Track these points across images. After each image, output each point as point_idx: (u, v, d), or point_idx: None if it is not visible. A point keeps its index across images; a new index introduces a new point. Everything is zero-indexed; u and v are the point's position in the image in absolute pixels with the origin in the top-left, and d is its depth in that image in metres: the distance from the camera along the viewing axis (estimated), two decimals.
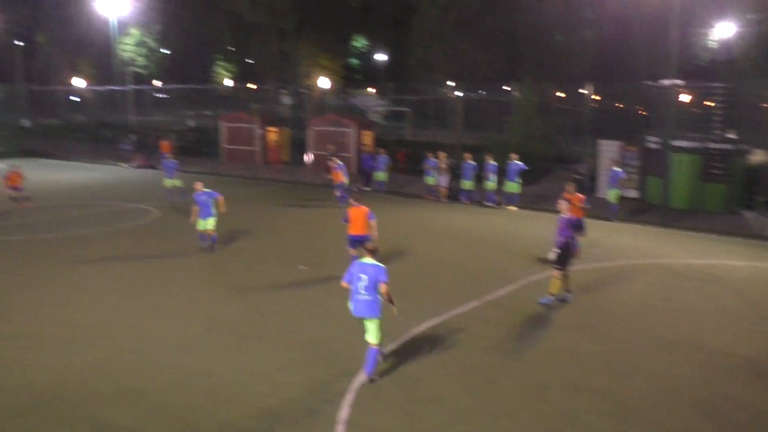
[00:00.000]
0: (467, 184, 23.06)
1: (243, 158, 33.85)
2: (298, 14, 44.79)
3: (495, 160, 22.89)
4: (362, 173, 27.14)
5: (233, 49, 72.17)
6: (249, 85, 59.09)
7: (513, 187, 22.21)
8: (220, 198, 15.30)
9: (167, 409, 7.76)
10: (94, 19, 55.43)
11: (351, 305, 8.53)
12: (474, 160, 23.21)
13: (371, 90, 64.00)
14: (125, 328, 10.33)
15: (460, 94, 38.62)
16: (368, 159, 26.37)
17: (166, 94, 66.13)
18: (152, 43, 68.83)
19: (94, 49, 65.30)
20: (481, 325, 10.78)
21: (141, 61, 67.59)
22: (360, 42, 55.82)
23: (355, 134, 31.27)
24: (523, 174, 22.24)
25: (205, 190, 15.14)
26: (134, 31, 65.89)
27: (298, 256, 15.20)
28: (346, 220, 13.29)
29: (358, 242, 12.81)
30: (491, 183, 22.71)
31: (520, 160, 22.29)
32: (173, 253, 15.34)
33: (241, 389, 8.29)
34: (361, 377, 8.59)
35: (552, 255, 11.91)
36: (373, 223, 13.05)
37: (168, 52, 71.00)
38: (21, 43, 71.15)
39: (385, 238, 17.26)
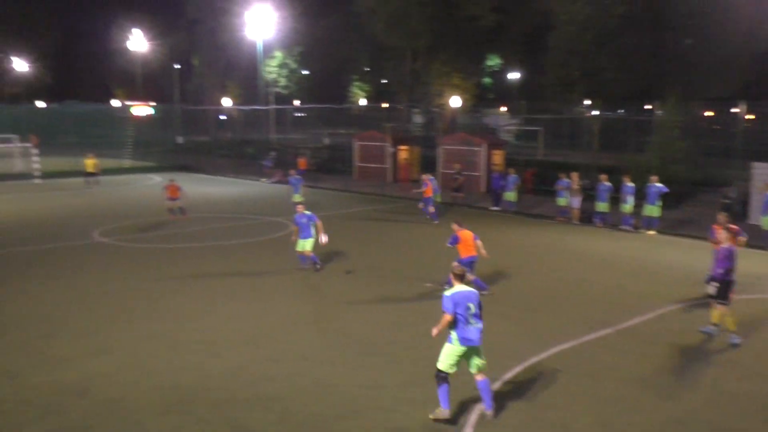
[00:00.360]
0: (602, 206, 22.13)
1: (374, 175, 34.62)
2: (431, 35, 45.29)
3: (633, 181, 21.79)
4: (491, 193, 26.85)
5: (368, 69, 74.34)
6: (382, 104, 60.49)
7: (652, 210, 21.02)
8: (319, 222, 15.30)
9: (296, 416, 8.03)
10: (243, 43, 59.31)
11: (465, 337, 7.80)
12: (609, 181, 22.25)
13: (503, 109, 63.32)
14: (263, 336, 10.85)
15: (597, 113, 37.25)
16: (498, 178, 26.06)
17: (304, 113, 69.29)
18: (293, 65, 72.38)
19: (242, 71, 69.84)
20: (614, 354, 10.26)
21: (283, 81, 71.25)
22: (493, 61, 55.45)
23: (486, 153, 31.04)
24: (663, 197, 21.01)
25: (306, 212, 15.32)
26: (278, 54, 69.66)
27: (425, 273, 15.27)
28: (454, 243, 13.30)
29: (470, 264, 13.02)
30: (628, 205, 21.61)
31: (661, 182, 21.07)
32: (297, 267, 15.94)
33: (366, 402, 8.42)
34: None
35: (711, 289, 10.99)
36: (479, 242, 13.34)
37: (307, 72, 74.36)
38: (178, 66, 77.58)
39: (513, 259, 16.95)
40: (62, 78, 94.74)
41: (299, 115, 70.60)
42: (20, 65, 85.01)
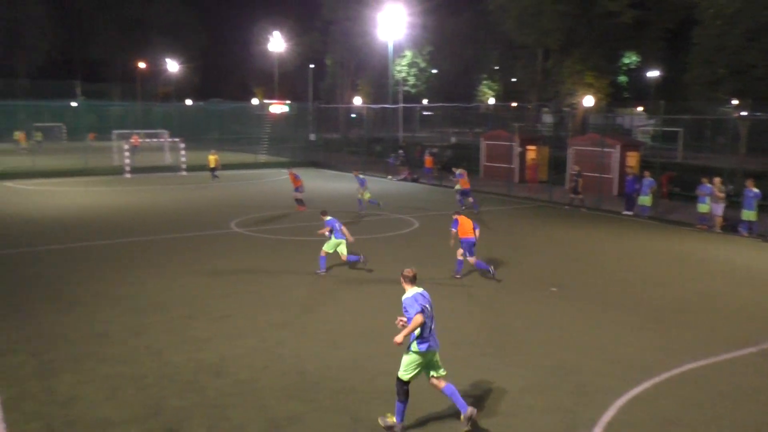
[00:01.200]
0: (749, 214, 20.42)
1: (501, 175, 34.11)
2: (564, 33, 43.86)
3: None
4: (624, 196, 25.58)
5: (497, 68, 73.34)
6: (511, 103, 59.47)
7: None
8: (325, 231, 14.91)
9: (413, 412, 8.08)
10: (374, 43, 60.53)
11: (429, 342, 7.50)
12: (758, 187, 20.49)
13: (639, 109, 60.15)
14: (383, 331, 11.00)
15: (745, 113, 34.41)
16: (632, 182, 24.77)
17: (432, 111, 69.58)
18: (423, 64, 72.88)
19: (372, 71, 71.34)
20: (758, 376, 9.45)
21: (412, 80, 71.96)
22: (630, 58, 52.78)
23: (619, 155, 29.62)
24: None
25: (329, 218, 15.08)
26: (408, 53, 70.42)
27: (548, 277, 14.85)
28: (455, 227, 14.31)
29: (470, 246, 14.31)
30: None
31: None
32: (427, 263, 16.01)
33: (483, 407, 8.31)
34: (610, 411, 8.07)
35: None
36: (478, 231, 14.42)
37: (436, 71, 74.60)
38: (312, 66, 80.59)
39: (645, 267, 16.09)
40: (208, 78, 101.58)
41: (427, 113, 71.01)
42: (172, 66, 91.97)
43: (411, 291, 7.68)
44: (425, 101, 70.52)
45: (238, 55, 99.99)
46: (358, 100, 73.24)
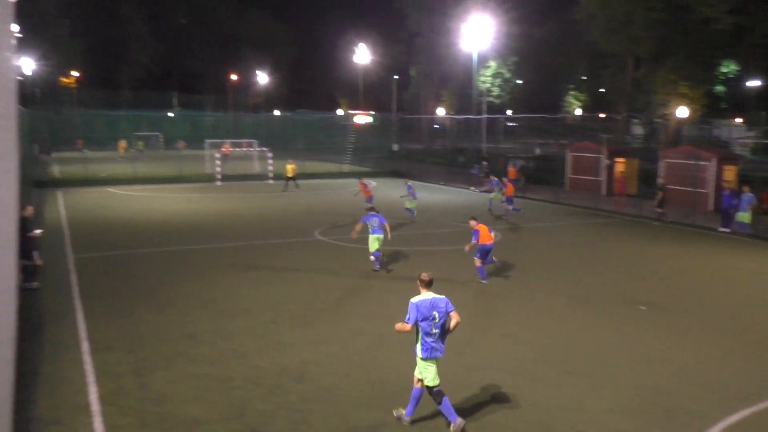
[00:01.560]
0: None
1: (587, 188, 33.19)
2: (656, 41, 42.27)
3: None
4: (721, 212, 24.26)
5: (585, 78, 71.56)
6: (599, 114, 57.84)
7: None
8: (359, 227, 16.01)
9: (496, 428, 7.94)
10: (458, 54, 60.43)
11: (430, 349, 7.58)
12: None
13: (738, 120, 57.11)
14: (464, 344, 10.86)
15: None
16: (729, 197, 23.45)
17: (516, 122, 68.69)
18: (507, 74, 72.12)
19: (456, 82, 71.25)
20: None
21: (496, 91, 71.31)
22: (728, 67, 50.19)
23: (715, 168, 28.17)
24: None
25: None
26: (492, 63, 69.87)
27: (635, 294, 14.27)
28: (477, 238, 14.63)
29: (488, 251, 14.86)
30: None
31: None
32: (507, 277, 15.75)
33: (564, 427, 8.05)
34: None
35: None
36: (493, 234, 14.96)
37: (521, 82, 73.62)
38: (396, 77, 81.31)
39: (745, 288, 15.20)
40: (295, 89, 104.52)
41: (511, 124, 70.14)
42: (262, 78, 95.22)
43: (422, 296, 7.76)
44: (509, 112, 69.68)
45: (324, 66, 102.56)
46: (441, 111, 73.22)
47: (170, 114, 73.73)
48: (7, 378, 7.70)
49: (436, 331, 7.61)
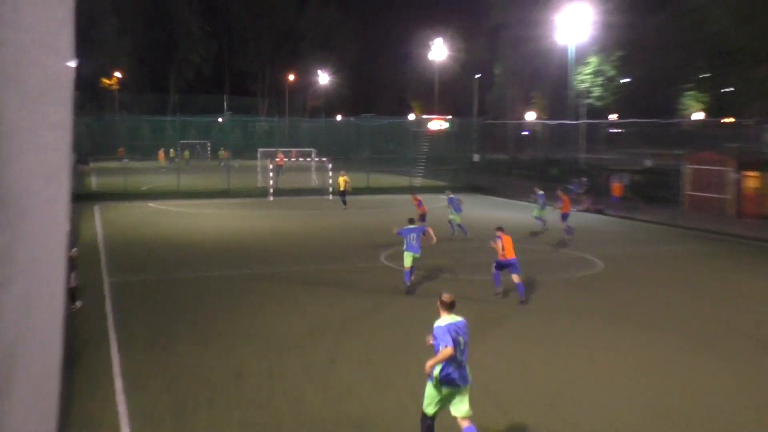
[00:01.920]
0: None
1: (710, 208, 32.02)
2: None
3: None
4: None
5: (706, 76, 69.40)
6: (723, 119, 55.89)
7: None
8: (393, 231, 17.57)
9: None
10: (552, 49, 59.73)
11: (449, 376, 7.78)
12: None
13: None
14: (557, 394, 10.53)
15: None
16: None
17: (621, 128, 67.18)
18: (611, 72, 70.72)
19: (549, 81, 70.37)
20: None
21: (597, 92, 70.03)
22: None
23: None
24: None
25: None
26: (592, 59, 68.71)
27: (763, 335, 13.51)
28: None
29: (510, 265, 15.70)
30: None
31: None
32: (612, 314, 15.24)
33: None
34: None
35: None
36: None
37: (627, 80, 72.03)
38: (478, 76, 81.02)
39: None
40: (360, 91, 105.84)
41: (615, 131, 68.61)
42: (323, 79, 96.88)
43: (445, 319, 7.96)
44: (613, 116, 68.20)
45: (394, 65, 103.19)
46: (531, 116, 72.44)
47: (219, 119, 75.98)
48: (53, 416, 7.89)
49: (461, 358, 7.82)
